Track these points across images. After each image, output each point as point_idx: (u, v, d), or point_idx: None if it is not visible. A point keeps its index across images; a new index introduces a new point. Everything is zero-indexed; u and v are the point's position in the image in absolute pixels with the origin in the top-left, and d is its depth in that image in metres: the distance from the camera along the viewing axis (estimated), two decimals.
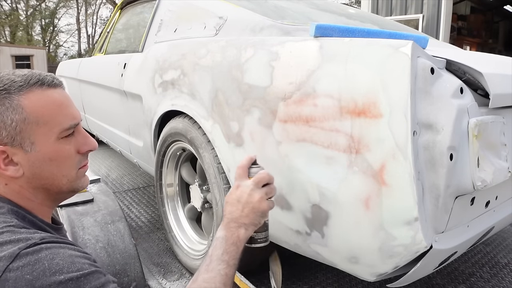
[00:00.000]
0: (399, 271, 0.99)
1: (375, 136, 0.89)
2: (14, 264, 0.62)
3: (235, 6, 1.63)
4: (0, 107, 0.71)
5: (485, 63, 1.13)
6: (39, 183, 0.76)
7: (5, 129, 0.71)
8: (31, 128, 0.72)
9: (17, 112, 0.71)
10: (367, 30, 1.13)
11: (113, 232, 1.51)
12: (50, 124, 0.74)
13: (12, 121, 0.71)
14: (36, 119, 0.73)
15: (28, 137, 0.72)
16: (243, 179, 0.88)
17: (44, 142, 0.74)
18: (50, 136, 0.74)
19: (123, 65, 2.17)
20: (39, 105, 0.73)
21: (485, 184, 0.91)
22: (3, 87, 0.72)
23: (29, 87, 0.73)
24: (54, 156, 0.75)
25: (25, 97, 0.72)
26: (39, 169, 0.75)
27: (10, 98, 0.71)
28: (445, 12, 6.54)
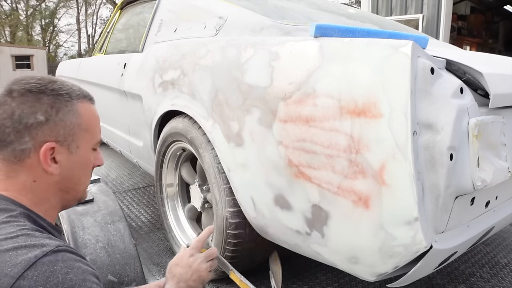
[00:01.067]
0: (399, 271, 0.99)
1: (375, 136, 0.89)
2: (29, 272, 0.62)
3: (235, 6, 1.63)
4: (64, 108, 0.77)
5: (485, 63, 1.13)
6: (65, 185, 0.80)
7: (63, 128, 0.76)
8: (80, 133, 0.79)
9: (76, 116, 0.78)
10: (367, 30, 1.13)
11: (113, 232, 1.51)
12: (92, 134, 0.82)
13: (71, 123, 0.77)
14: (87, 127, 0.80)
15: (77, 140, 0.79)
16: (197, 250, 1.04)
17: (84, 148, 0.81)
18: (89, 144, 0.82)
19: (123, 65, 2.17)
20: (89, 116, 0.81)
21: (485, 184, 0.91)
22: (67, 91, 0.78)
23: (83, 99, 0.81)
24: (86, 163, 0.83)
25: (81, 105, 0.80)
26: (72, 172, 0.80)
27: (71, 103, 0.78)
28: (445, 12, 6.54)
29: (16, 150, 0.73)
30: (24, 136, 0.73)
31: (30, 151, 0.74)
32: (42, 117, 0.74)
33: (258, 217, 1.27)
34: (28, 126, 0.73)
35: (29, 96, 0.74)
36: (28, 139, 0.73)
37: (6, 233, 0.67)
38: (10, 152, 0.74)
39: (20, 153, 0.74)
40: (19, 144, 0.73)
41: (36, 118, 0.73)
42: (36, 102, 0.74)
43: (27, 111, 0.73)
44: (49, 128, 0.74)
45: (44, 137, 0.74)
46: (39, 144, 0.74)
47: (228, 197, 1.37)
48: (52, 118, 0.75)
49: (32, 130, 0.73)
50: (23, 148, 0.73)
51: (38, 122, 0.73)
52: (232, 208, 1.37)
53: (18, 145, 0.73)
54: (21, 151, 0.74)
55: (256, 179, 1.21)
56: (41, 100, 0.74)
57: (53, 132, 0.75)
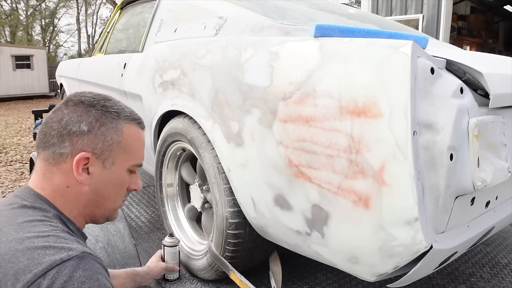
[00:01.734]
0: (399, 271, 0.98)
1: (375, 136, 0.89)
2: (51, 272, 0.65)
3: (235, 6, 1.63)
4: (109, 124, 0.82)
5: (485, 63, 1.13)
6: (94, 199, 0.83)
7: (102, 142, 0.80)
8: (119, 151, 0.83)
9: (117, 134, 0.82)
10: (367, 30, 1.13)
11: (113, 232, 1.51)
12: (131, 156, 0.86)
13: (111, 139, 0.81)
14: (126, 147, 0.84)
15: (113, 157, 0.82)
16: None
17: (119, 167, 0.84)
18: (125, 164, 0.85)
19: (123, 65, 2.17)
20: (132, 138, 0.86)
21: (485, 184, 0.91)
22: (116, 110, 0.84)
23: (131, 121, 0.86)
24: (119, 182, 0.86)
25: (127, 126, 0.85)
26: (103, 187, 0.83)
27: (117, 121, 0.83)
28: (445, 12, 6.54)
29: (55, 153, 0.78)
30: (65, 141, 0.78)
31: (67, 156, 0.78)
32: (85, 128, 0.78)
33: (258, 217, 1.27)
34: (71, 133, 0.78)
35: (81, 107, 0.80)
36: (67, 145, 0.78)
37: (39, 231, 0.71)
38: (50, 154, 0.79)
39: (58, 156, 0.78)
40: (59, 147, 0.78)
41: (80, 127, 0.78)
42: (84, 113, 0.79)
43: (73, 119, 0.79)
44: (89, 139, 0.79)
45: (83, 146, 0.78)
46: (76, 151, 0.78)
47: (228, 197, 1.36)
48: (94, 130, 0.79)
49: (73, 137, 0.78)
50: (61, 152, 0.78)
51: (81, 131, 0.78)
52: (232, 208, 1.37)
53: (58, 148, 0.78)
54: (59, 155, 0.78)
55: (256, 179, 1.21)
56: (89, 112, 0.80)
57: (92, 143, 0.79)
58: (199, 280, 1.63)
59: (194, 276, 1.66)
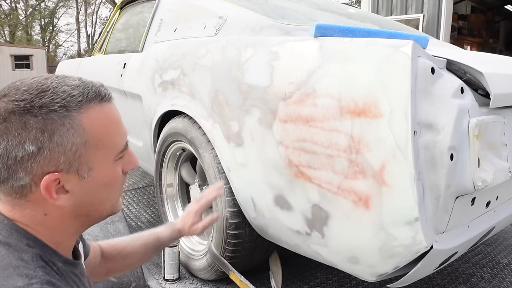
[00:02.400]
0: (400, 271, 0.98)
1: (376, 136, 0.88)
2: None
3: (235, 6, 1.63)
4: (60, 127, 0.60)
5: (485, 63, 1.13)
6: (84, 211, 0.68)
7: (64, 154, 0.61)
8: (90, 152, 0.63)
9: (79, 134, 0.61)
10: (368, 30, 1.12)
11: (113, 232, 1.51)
12: (108, 147, 0.66)
13: (73, 144, 0.61)
14: (96, 142, 0.64)
15: (86, 162, 0.63)
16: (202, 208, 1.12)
17: (101, 167, 0.66)
18: (107, 159, 0.66)
19: (123, 65, 2.17)
20: (98, 125, 0.64)
21: (485, 184, 0.91)
22: (62, 102, 0.61)
23: (88, 103, 0.63)
24: (109, 181, 0.68)
25: (86, 116, 0.62)
26: (90, 196, 0.66)
27: (70, 117, 0.61)
28: (446, 11, 6.54)
29: (14, 187, 0.61)
30: (17, 171, 0.60)
31: (30, 186, 0.61)
32: (32, 147, 0.59)
33: (258, 217, 1.27)
34: (18, 160, 0.59)
35: (13, 121, 0.58)
36: (23, 175, 0.60)
37: (12, 286, 0.57)
38: (9, 189, 0.62)
39: (20, 189, 0.62)
40: (15, 180, 0.61)
41: (25, 149, 0.59)
42: (22, 129, 0.58)
43: (13, 142, 0.58)
44: (44, 158, 0.60)
45: (41, 169, 0.60)
46: (38, 177, 0.61)
47: (228, 197, 1.36)
48: (45, 145, 0.59)
49: (24, 163, 0.59)
50: (21, 184, 0.61)
51: (29, 154, 0.59)
52: (232, 208, 1.36)
53: (15, 182, 0.61)
54: (20, 187, 0.61)
55: (256, 179, 1.21)
56: (27, 125, 0.58)
57: (51, 161, 0.60)
58: (199, 280, 1.63)
59: (194, 276, 1.66)
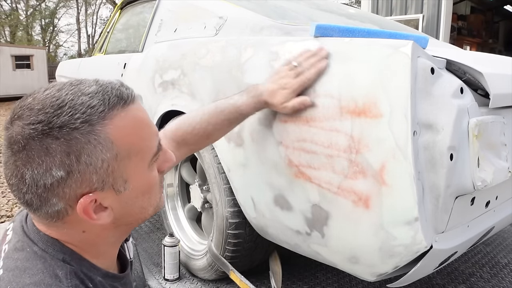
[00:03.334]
0: (399, 271, 0.98)
1: (375, 136, 0.89)
2: None
3: (235, 6, 1.63)
4: (86, 146, 0.54)
5: (485, 63, 1.13)
6: (124, 221, 0.64)
7: (95, 173, 0.56)
8: (123, 164, 0.58)
9: (107, 149, 0.56)
10: (367, 30, 1.13)
11: None
12: (141, 153, 0.61)
13: (103, 161, 0.56)
14: (127, 152, 0.58)
15: (121, 175, 0.59)
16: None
17: (137, 176, 0.61)
18: (142, 166, 0.62)
19: (123, 65, 2.17)
20: (127, 133, 0.58)
21: (485, 184, 0.91)
22: (83, 117, 0.54)
23: (111, 110, 0.57)
24: (147, 188, 0.64)
25: (111, 126, 0.56)
26: (130, 208, 0.62)
27: (94, 132, 0.55)
28: (445, 12, 6.54)
29: (49, 213, 0.58)
30: (49, 199, 0.56)
31: (66, 209, 0.58)
32: (61, 172, 0.54)
33: (258, 217, 1.27)
34: (49, 187, 0.55)
35: (34, 147, 0.53)
36: (56, 201, 0.57)
37: None
38: (44, 215, 0.59)
39: (55, 214, 0.58)
40: (49, 207, 0.57)
41: (53, 176, 0.54)
42: (45, 155, 0.54)
43: (38, 171, 0.54)
44: (75, 181, 0.56)
45: (75, 192, 0.56)
46: (72, 200, 0.57)
47: (228, 197, 1.36)
48: (73, 168, 0.55)
49: (55, 189, 0.56)
50: (56, 210, 0.58)
51: (59, 180, 0.55)
52: (232, 208, 1.37)
53: (49, 208, 0.57)
54: (55, 212, 0.58)
55: (256, 179, 1.21)
56: (50, 150, 0.53)
57: (83, 183, 0.56)
58: (199, 280, 1.64)
59: (194, 276, 1.66)
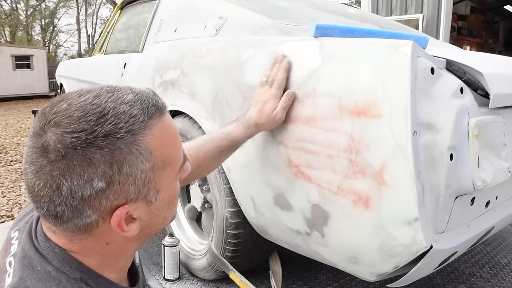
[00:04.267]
0: (399, 271, 0.98)
1: (375, 136, 0.89)
2: None
3: (235, 6, 1.63)
4: (129, 156, 0.53)
5: (485, 63, 1.13)
6: (147, 232, 0.62)
7: (134, 184, 0.54)
8: (158, 174, 0.57)
9: (147, 160, 0.55)
10: (367, 30, 1.13)
11: None
12: (173, 163, 0.60)
13: (142, 172, 0.55)
14: (162, 163, 0.57)
15: (154, 186, 0.57)
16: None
17: (166, 186, 0.60)
18: (171, 177, 0.61)
19: (123, 65, 2.17)
20: (163, 144, 0.57)
21: (485, 184, 0.91)
22: (126, 127, 0.52)
23: (150, 120, 0.55)
24: (172, 199, 0.62)
25: (151, 137, 0.55)
26: (155, 218, 0.61)
27: (137, 142, 0.53)
28: (445, 12, 6.54)
29: (79, 225, 0.56)
30: (84, 210, 0.54)
31: (97, 222, 0.56)
32: (102, 183, 0.52)
33: (258, 217, 1.27)
34: (86, 199, 0.53)
35: (75, 157, 0.50)
36: (90, 213, 0.54)
37: None
38: (71, 227, 0.56)
39: (85, 226, 0.56)
40: (80, 219, 0.55)
41: (93, 187, 0.52)
42: (87, 166, 0.51)
43: (78, 182, 0.51)
44: (114, 193, 0.54)
45: (111, 203, 0.54)
46: (106, 213, 0.55)
47: (228, 197, 1.36)
48: (114, 179, 0.53)
49: (92, 201, 0.53)
50: (87, 222, 0.55)
51: (97, 191, 0.53)
52: (232, 208, 1.37)
53: (80, 220, 0.55)
54: (86, 225, 0.56)
55: (256, 179, 1.21)
56: (93, 160, 0.51)
57: (121, 194, 0.54)
58: (199, 280, 1.64)
59: (194, 276, 1.66)
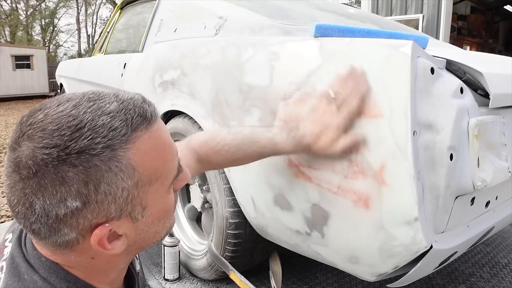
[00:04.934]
0: (399, 271, 0.98)
1: (375, 136, 0.89)
2: None
3: (235, 6, 1.63)
4: (107, 174, 0.48)
5: (485, 63, 1.13)
6: (137, 247, 0.59)
7: (114, 202, 0.50)
8: (143, 191, 0.53)
9: (129, 177, 0.50)
10: (367, 30, 1.13)
11: None
12: (162, 177, 0.55)
13: (123, 190, 0.50)
14: (149, 178, 0.52)
15: (140, 203, 0.53)
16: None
17: (155, 202, 0.55)
18: (161, 191, 0.56)
19: (123, 65, 2.17)
20: (149, 158, 0.52)
21: (485, 184, 0.91)
22: (104, 142, 0.47)
23: (134, 132, 0.50)
24: (164, 214, 0.58)
25: (134, 151, 0.50)
26: (145, 234, 0.57)
27: (116, 158, 0.48)
28: (445, 12, 6.54)
29: (58, 242, 0.52)
30: (61, 229, 0.50)
31: (77, 239, 0.52)
32: (76, 203, 0.48)
33: (258, 217, 1.27)
34: (61, 218, 0.49)
35: (47, 175, 0.47)
36: (68, 231, 0.50)
37: None
38: (52, 244, 0.53)
39: (65, 243, 0.52)
40: (59, 236, 0.51)
41: (67, 207, 0.48)
42: (60, 185, 0.47)
43: (51, 201, 0.47)
44: (91, 212, 0.50)
45: (89, 222, 0.50)
46: (85, 231, 0.51)
47: (228, 197, 1.36)
48: (91, 199, 0.49)
49: (68, 220, 0.49)
50: (67, 240, 0.52)
51: (73, 211, 0.49)
52: (232, 208, 1.36)
53: (58, 238, 0.51)
54: (65, 242, 0.52)
55: (256, 179, 1.21)
56: (66, 179, 0.47)
57: (100, 213, 0.50)
58: (199, 280, 1.64)
59: (194, 276, 1.66)
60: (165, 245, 1.60)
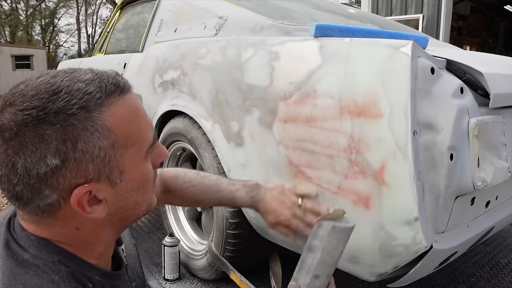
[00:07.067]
0: (399, 271, 0.98)
1: (376, 136, 0.89)
2: None
3: (235, 6, 1.63)
4: (83, 133, 0.52)
5: (485, 63, 1.13)
6: (118, 217, 0.61)
7: (91, 161, 0.53)
8: (120, 153, 0.55)
9: (105, 137, 0.53)
10: (367, 30, 1.13)
11: None
12: (138, 143, 0.58)
13: (100, 149, 0.53)
14: (125, 141, 0.56)
15: (117, 166, 0.56)
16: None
17: (133, 168, 0.58)
18: (138, 158, 0.59)
19: (123, 65, 2.17)
20: (124, 121, 0.56)
21: (485, 184, 0.91)
22: (80, 103, 0.51)
23: (108, 98, 0.54)
24: (142, 181, 0.61)
25: (109, 114, 0.54)
26: (125, 202, 0.59)
27: (92, 119, 0.52)
28: (445, 12, 6.54)
29: (41, 207, 0.55)
30: (42, 190, 0.53)
31: (59, 202, 0.54)
32: (56, 160, 0.51)
33: (258, 217, 1.27)
34: (42, 177, 0.52)
35: (27, 134, 0.50)
36: (49, 192, 0.53)
37: None
38: (34, 210, 0.55)
39: (47, 208, 0.55)
40: (40, 199, 0.54)
41: (47, 164, 0.51)
42: (39, 142, 0.50)
43: (32, 159, 0.51)
44: (70, 171, 0.52)
45: (69, 182, 0.53)
46: (66, 192, 0.54)
47: None
48: (69, 156, 0.52)
49: (49, 179, 0.52)
50: (48, 203, 0.54)
51: (53, 169, 0.52)
52: (232, 208, 1.36)
53: (40, 201, 0.54)
54: (48, 206, 0.55)
55: (256, 179, 1.21)
56: (45, 136, 0.50)
57: (79, 172, 0.53)
58: (199, 280, 1.64)
59: (194, 276, 1.66)
60: (165, 245, 1.60)
